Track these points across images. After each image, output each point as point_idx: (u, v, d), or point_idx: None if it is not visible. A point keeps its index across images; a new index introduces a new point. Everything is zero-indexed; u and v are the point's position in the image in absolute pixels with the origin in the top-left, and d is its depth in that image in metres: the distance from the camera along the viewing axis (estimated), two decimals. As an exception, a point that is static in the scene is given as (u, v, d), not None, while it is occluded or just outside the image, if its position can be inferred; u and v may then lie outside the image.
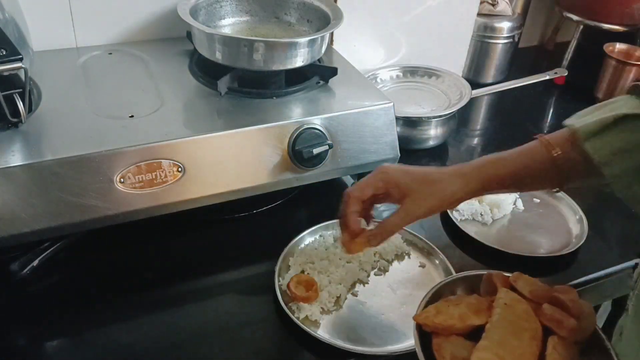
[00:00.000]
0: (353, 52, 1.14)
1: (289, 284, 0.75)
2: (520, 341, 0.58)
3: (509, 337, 0.58)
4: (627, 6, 1.33)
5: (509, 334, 0.58)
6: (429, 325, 0.62)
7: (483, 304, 0.64)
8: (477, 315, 0.62)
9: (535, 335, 0.59)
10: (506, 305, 0.62)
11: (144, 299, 0.77)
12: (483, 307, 0.63)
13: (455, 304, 0.63)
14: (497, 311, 0.61)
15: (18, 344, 0.70)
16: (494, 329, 0.59)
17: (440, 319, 0.61)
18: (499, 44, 1.36)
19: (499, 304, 0.62)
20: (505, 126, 1.27)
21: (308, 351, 0.71)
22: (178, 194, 0.78)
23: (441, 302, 0.65)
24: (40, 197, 0.70)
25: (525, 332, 0.59)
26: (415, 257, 0.85)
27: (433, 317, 0.62)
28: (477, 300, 0.65)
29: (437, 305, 0.64)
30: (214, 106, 0.85)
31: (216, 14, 1.00)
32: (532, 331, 0.59)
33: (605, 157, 0.61)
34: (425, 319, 0.62)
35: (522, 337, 0.58)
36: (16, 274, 0.77)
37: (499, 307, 0.62)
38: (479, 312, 0.62)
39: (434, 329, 0.62)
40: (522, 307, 0.62)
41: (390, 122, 0.90)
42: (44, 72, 0.87)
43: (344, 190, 0.70)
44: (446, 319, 0.61)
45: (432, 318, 0.62)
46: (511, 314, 0.61)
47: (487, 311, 0.62)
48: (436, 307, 0.64)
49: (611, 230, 0.96)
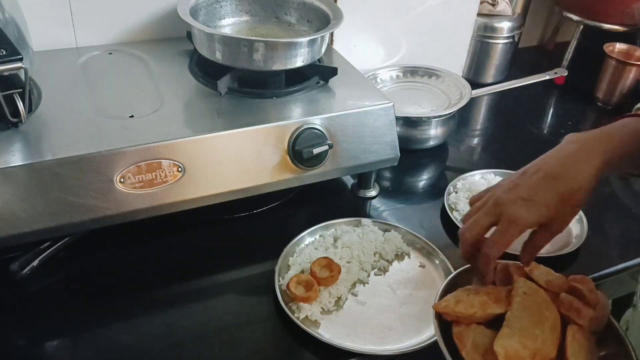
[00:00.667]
0: (353, 52, 1.14)
1: (288, 284, 0.75)
2: (541, 330, 0.58)
3: (530, 325, 0.58)
4: (627, 6, 1.33)
5: (530, 323, 0.58)
6: (449, 314, 0.61)
7: (502, 293, 0.63)
8: (497, 303, 0.61)
9: (555, 325, 0.59)
10: (525, 294, 0.61)
11: (144, 299, 0.77)
12: (502, 296, 0.63)
13: (475, 293, 0.63)
14: (517, 300, 0.61)
15: (18, 344, 0.70)
16: (515, 318, 0.59)
17: (461, 307, 0.61)
18: (499, 44, 1.36)
19: (519, 292, 0.62)
20: (505, 126, 1.27)
21: (308, 351, 0.71)
22: (178, 194, 0.78)
23: (460, 291, 0.64)
24: (40, 197, 0.70)
25: (546, 320, 0.59)
26: (415, 257, 0.85)
27: (453, 305, 0.61)
28: (494, 289, 0.64)
29: (457, 294, 0.64)
30: (214, 106, 0.85)
31: (216, 14, 1.00)
32: (552, 320, 0.59)
33: None
34: (446, 308, 0.61)
35: (543, 325, 0.58)
36: (16, 274, 0.76)
37: (518, 296, 0.61)
38: (498, 301, 0.62)
39: (455, 318, 0.61)
40: (541, 296, 0.62)
41: (390, 122, 0.90)
42: (44, 72, 0.87)
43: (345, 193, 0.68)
44: (467, 307, 0.61)
45: (452, 307, 0.61)
46: (531, 302, 0.60)
47: (507, 300, 0.62)
48: (455, 295, 0.63)
49: (611, 230, 0.96)
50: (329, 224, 0.87)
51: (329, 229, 0.87)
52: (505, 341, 0.56)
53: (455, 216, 0.93)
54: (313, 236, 0.85)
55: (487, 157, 1.14)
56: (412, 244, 0.86)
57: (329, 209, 0.88)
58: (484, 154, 1.16)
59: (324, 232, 0.86)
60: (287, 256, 0.81)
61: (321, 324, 0.73)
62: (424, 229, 0.91)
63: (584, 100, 1.37)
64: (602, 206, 1.00)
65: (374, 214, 0.93)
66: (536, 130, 1.27)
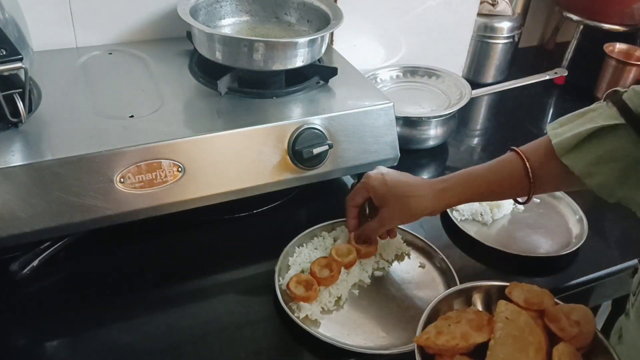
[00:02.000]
0: (353, 52, 1.14)
1: (288, 283, 0.75)
2: (526, 355, 0.57)
3: (515, 353, 0.57)
4: (627, 6, 1.33)
5: (514, 350, 0.58)
6: (431, 347, 0.61)
7: (483, 318, 0.63)
8: (479, 332, 0.61)
9: (540, 348, 0.59)
10: (507, 319, 0.61)
11: (144, 299, 0.77)
12: (484, 322, 0.62)
13: (456, 322, 0.62)
14: (500, 326, 0.60)
15: (18, 344, 0.70)
16: (499, 347, 0.58)
17: (442, 340, 0.60)
18: (499, 44, 1.36)
19: (500, 318, 0.61)
20: (505, 126, 1.27)
21: (308, 351, 0.71)
22: (178, 194, 0.78)
23: (440, 321, 0.63)
24: (40, 197, 0.70)
25: (530, 345, 0.58)
26: (415, 257, 0.85)
27: (435, 338, 0.61)
28: (476, 314, 0.64)
29: (437, 325, 0.63)
30: (214, 106, 0.85)
31: (216, 14, 1.00)
32: (536, 344, 0.59)
33: (585, 169, 0.63)
34: (427, 341, 0.61)
35: (527, 350, 0.58)
36: (16, 274, 0.76)
37: (500, 322, 0.61)
38: (480, 328, 0.61)
39: (437, 351, 0.61)
40: (523, 320, 0.61)
41: (390, 122, 0.90)
42: (44, 72, 0.88)
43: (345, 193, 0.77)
44: (449, 339, 0.60)
45: (433, 339, 0.60)
46: (514, 328, 0.60)
47: (489, 326, 0.62)
48: (436, 326, 0.62)
49: (611, 230, 0.96)
50: (329, 224, 0.87)
51: (329, 229, 0.87)
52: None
53: (455, 216, 0.93)
54: (313, 236, 0.85)
55: (487, 157, 1.13)
56: (412, 244, 0.86)
57: (329, 209, 0.88)
58: (484, 154, 1.16)
59: (324, 232, 0.86)
60: (287, 256, 0.81)
61: (321, 323, 0.73)
62: (423, 229, 0.91)
63: (584, 100, 1.35)
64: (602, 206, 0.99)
65: (374, 214, 0.93)
66: (536, 130, 1.27)
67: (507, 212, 0.96)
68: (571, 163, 0.63)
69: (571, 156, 0.63)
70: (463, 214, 0.93)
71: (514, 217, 0.95)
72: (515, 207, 0.97)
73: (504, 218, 0.95)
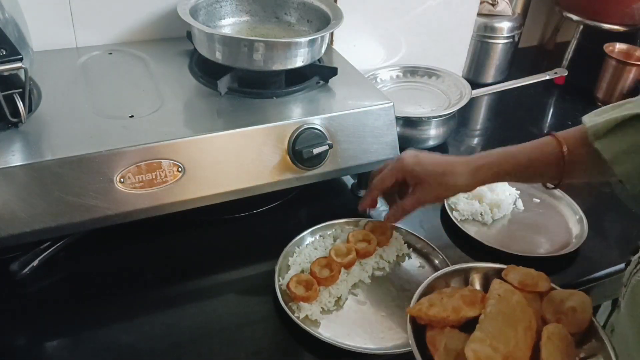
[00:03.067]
0: (353, 52, 1.14)
1: (288, 283, 0.75)
2: (514, 332, 0.58)
3: (503, 328, 0.58)
4: (627, 6, 1.33)
5: (503, 325, 0.59)
6: (422, 318, 0.62)
7: (477, 295, 0.64)
8: (470, 307, 0.62)
9: (530, 326, 0.60)
10: (500, 296, 0.62)
11: (144, 299, 0.77)
12: (477, 299, 0.63)
13: (449, 296, 0.64)
14: (491, 302, 0.61)
15: (18, 344, 0.70)
16: (488, 321, 0.59)
17: (433, 311, 0.62)
18: (499, 44, 1.36)
19: (493, 295, 0.63)
20: (505, 126, 1.27)
21: (308, 351, 0.71)
22: (178, 194, 0.78)
23: (434, 295, 0.65)
24: (40, 197, 0.70)
25: (520, 322, 0.59)
26: (415, 257, 0.85)
27: (426, 309, 0.62)
28: (470, 292, 0.65)
29: (431, 298, 0.64)
30: (214, 106, 0.85)
31: (216, 14, 1.00)
32: (526, 321, 0.60)
33: (616, 155, 0.63)
34: (419, 312, 0.62)
35: (517, 327, 0.59)
36: (16, 274, 0.76)
37: (492, 299, 0.62)
38: (472, 304, 0.62)
39: (427, 322, 0.62)
40: (515, 298, 0.62)
41: (390, 122, 0.90)
42: (44, 72, 0.87)
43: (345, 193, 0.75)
44: (439, 311, 0.61)
45: (425, 310, 0.62)
46: (505, 305, 0.61)
47: (481, 303, 0.63)
48: (429, 299, 0.64)
49: (611, 230, 0.96)
50: (329, 224, 0.87)
51: (329, 229, 0.87)
52: (476, 345, 0.56)
53: (455, 216, 0.93)
54: (313, 236, 0.85)
55: (487, 157, 1.14)
56: (412, 244, 0.86)
57: (329, 209, 0.88)
58: (484, 154, 1.16)
59: (324, 232, 0.86)
60: (287, 256, 0.81)
61: (321, 323, 0.73)
62: (424, 229, 0.91)
63: (584, 100, 1.37)
64: (602, 206, 1.00)
65: (374, 214, 0.93)
66: (536, 130, 1.27)
67: (507, 212, 0.96)
68: (602, 147, 0.63)
69: (603, 141, 0.63)
70: (463, 214, 0.93)
71: (514, 217, 0.95)
72: (515, 207, 0.97)
73: (504, 218, 0.95)
